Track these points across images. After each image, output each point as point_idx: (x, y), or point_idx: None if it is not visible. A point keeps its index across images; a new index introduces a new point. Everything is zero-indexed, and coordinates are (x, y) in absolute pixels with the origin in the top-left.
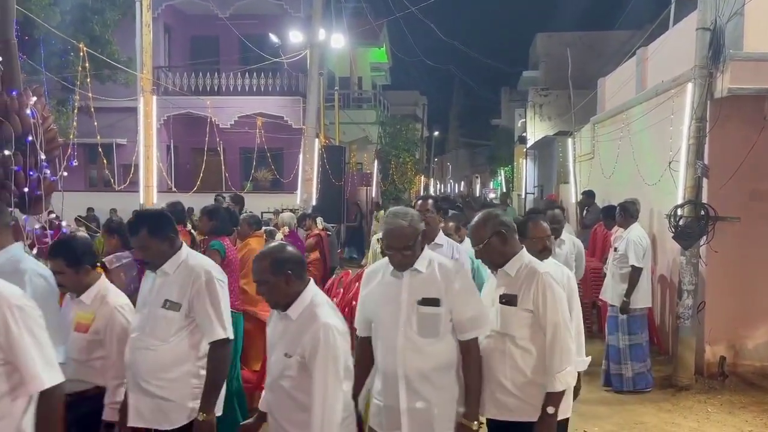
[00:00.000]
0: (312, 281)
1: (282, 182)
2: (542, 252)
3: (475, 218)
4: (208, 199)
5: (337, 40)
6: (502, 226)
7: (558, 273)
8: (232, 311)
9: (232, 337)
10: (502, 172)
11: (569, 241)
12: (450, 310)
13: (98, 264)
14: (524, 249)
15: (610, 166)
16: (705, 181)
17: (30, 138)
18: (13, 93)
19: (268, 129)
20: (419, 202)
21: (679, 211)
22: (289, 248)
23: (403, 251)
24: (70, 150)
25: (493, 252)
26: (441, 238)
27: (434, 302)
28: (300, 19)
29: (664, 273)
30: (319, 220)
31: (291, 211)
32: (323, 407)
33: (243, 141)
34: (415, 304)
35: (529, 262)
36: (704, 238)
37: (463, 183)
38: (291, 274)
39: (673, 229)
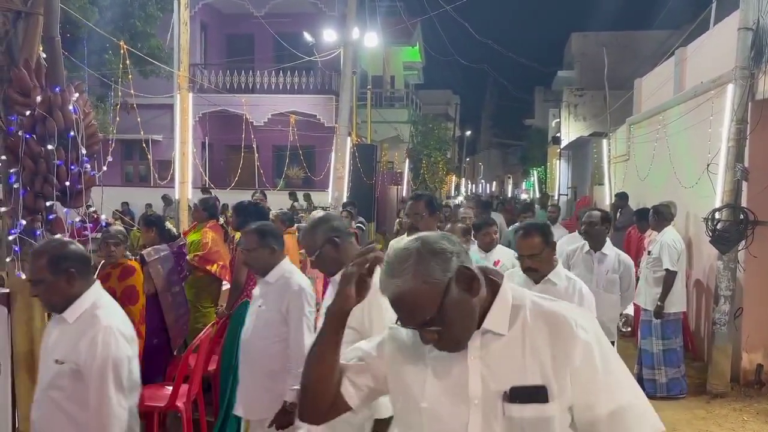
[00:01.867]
0: (98, 282)
1: (314, 180)
2: (527, 272)
3: (306, 224)
4: (242, 196)
5: (370, 39)
6: (334, 231)
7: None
8: None
9: None
10: (535, 173)
11: (613, 255)
12: (570, 405)
13: (135, 257)
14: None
15: (645, 168)
16: (744, 184)
17: (72, 133)
18: (57, 89)
19: (300, 127)
20: (409, 202)
21: (716, 215)
22: (72, 245)
23: (435, 326)
24: (112, 146)
25: (327, 261)
26: None
27: (537, 394)
28: (334, 17)
29: (700, 278)
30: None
31: (323, 208)
32: (100, 420)
33: (276, 139)
34: (499, 400)
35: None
36: (743, 242)
37: (494, 183)
38: (74, 272)
39: (710, 233)
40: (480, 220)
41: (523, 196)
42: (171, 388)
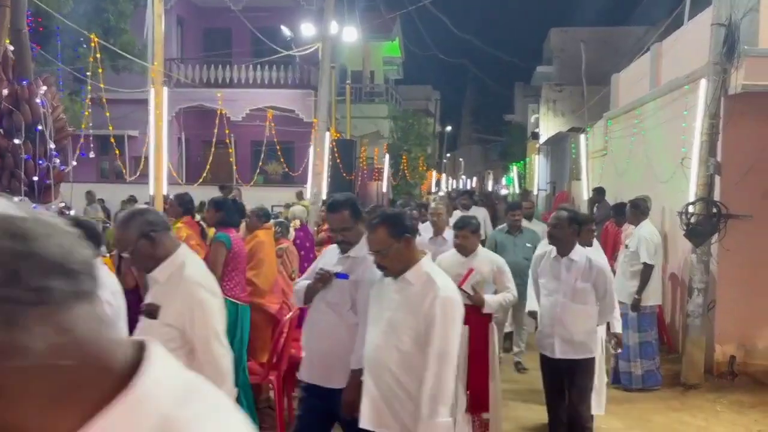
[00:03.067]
0: None
1: (292, 176)
2: (379, 268)
3: (119, 219)
4: (217, 192)
5: (349, 33)
6: (149, 225)
7: None
8: (239, 303)
9: None
10: (515, 168)
11: (583, 260)
12: None
13: (110, 254)
14: (181, 249)
15: (622, 162)
16: (717, 178)
17: (39, 127)
18: (24, 82)
19: (279, 122)
20: (328, 214)
21: (690, 209)
22: None
23: None
24: (83, 141)
25: (142, 257)
26: (361, 248)
27: None
28: (312, 11)
29: (674, 271)
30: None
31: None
32: None
33: (254, 134)
34: None
35: (182, 265)
36: (716, 236)
37: (475, 179)
38: None
39: (684, 227)
40: (459, 219)
41: (503, 192)
42: None
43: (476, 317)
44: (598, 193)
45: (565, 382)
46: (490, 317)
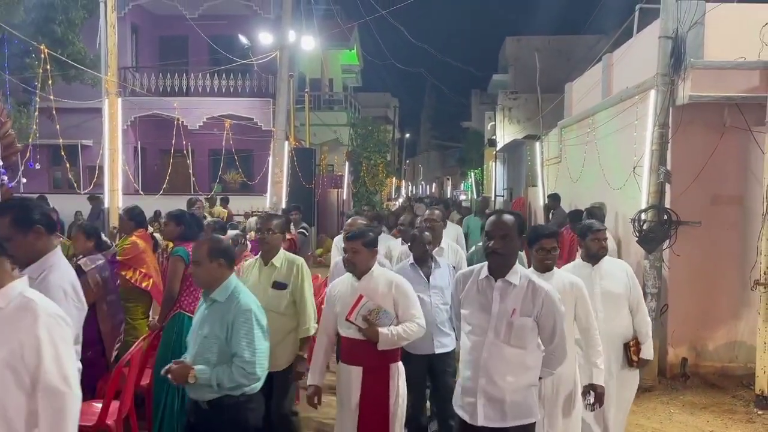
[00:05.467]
0: None
1: (251, 185)
2: None
3: None
4: (175, 202)
5: (307, 41)
6: None
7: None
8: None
9: None
10: (472, 175)
11: (524, 284)
12: None
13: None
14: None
15: (576, 170)
16: (668, 186)
17: None
18: None
19: (237, 131)
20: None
21: (642, 216)
22: None
23: None
24: (29, 153)
25: None
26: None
27: None
28: (270, 20)
29: None
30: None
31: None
32: None
33: (212, 143)
34: None
35: None
36: (667, 242)
37: (434, 185)
38: None
39: (637, 234)
40: (354, 230)
41: (462, 197)
42: (101, 405)
43: (371, 355)
44: (554, 199)
45: None
46: (394, 355)
